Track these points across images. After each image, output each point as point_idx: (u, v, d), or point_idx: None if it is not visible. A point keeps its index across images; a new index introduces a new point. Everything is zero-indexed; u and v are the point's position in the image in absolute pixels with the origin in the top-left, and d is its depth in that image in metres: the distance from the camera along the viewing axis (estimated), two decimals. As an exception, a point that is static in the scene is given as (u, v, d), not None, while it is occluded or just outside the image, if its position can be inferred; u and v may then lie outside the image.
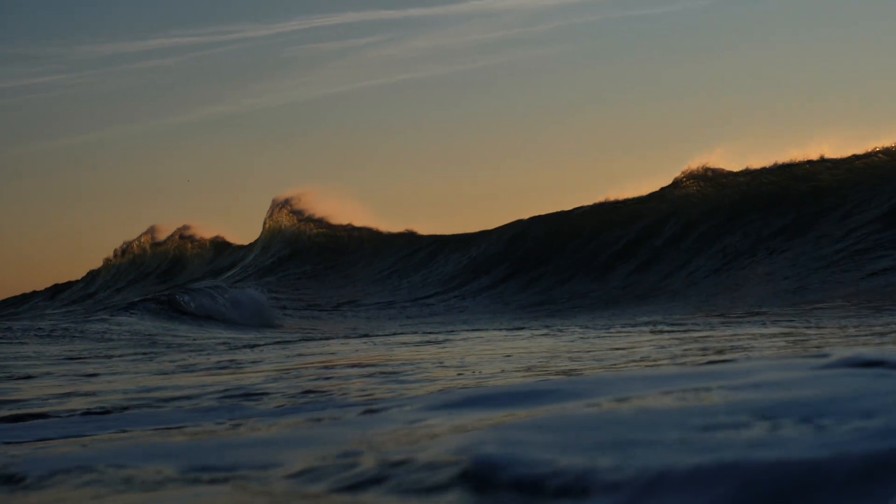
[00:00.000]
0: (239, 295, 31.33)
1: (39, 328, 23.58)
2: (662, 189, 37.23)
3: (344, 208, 46.44)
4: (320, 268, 44.17)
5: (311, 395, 7.81)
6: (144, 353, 16.23)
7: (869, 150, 32.99)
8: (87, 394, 9.04)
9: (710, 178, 36.34)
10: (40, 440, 6.04)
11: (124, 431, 6.22)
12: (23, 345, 19.39)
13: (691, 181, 36.65)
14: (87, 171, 71.04)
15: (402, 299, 36.63)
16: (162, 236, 56.87)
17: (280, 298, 36.84)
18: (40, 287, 57.69)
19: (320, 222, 46.79)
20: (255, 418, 6.41)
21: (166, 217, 60.32)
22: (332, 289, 41.07)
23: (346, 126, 64.87)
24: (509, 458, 3.08)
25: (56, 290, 57.82)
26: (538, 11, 65.03)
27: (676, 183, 36.99)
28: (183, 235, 55.33)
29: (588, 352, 11.56)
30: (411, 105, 67.45)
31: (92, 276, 59.01)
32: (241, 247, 50.99)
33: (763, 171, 34.95)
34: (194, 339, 21.44)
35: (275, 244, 47.74)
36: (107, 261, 59.32)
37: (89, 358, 15.37)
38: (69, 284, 58.80)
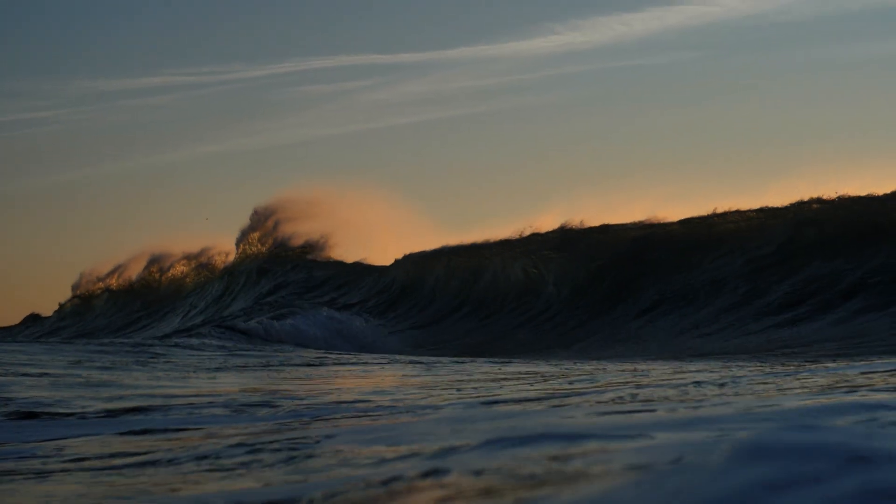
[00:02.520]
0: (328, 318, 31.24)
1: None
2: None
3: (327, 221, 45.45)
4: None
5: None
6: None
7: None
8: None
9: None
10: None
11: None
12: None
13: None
14: (79, 206, 69.68)
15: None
16: (134, 267, 55.14)
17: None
18: (14, 321, 56.25)
19: (291, 248, 45.84)
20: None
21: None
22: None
23: (337, 168, 64.17)
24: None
25: (33, 320, 56.50)
26: (528, 59, 64.67)
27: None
28: (153, 259, 53.66)
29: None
30: (403, 148, 67.02)
31: (61, 307, 57.26)
32: (213, 271, 49.78)
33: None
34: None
35: (245, 266, 46.87)
36: (74, 289, 57.12)
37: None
38: (38, 317, 57.06)
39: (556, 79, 63.76)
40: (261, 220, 47.63)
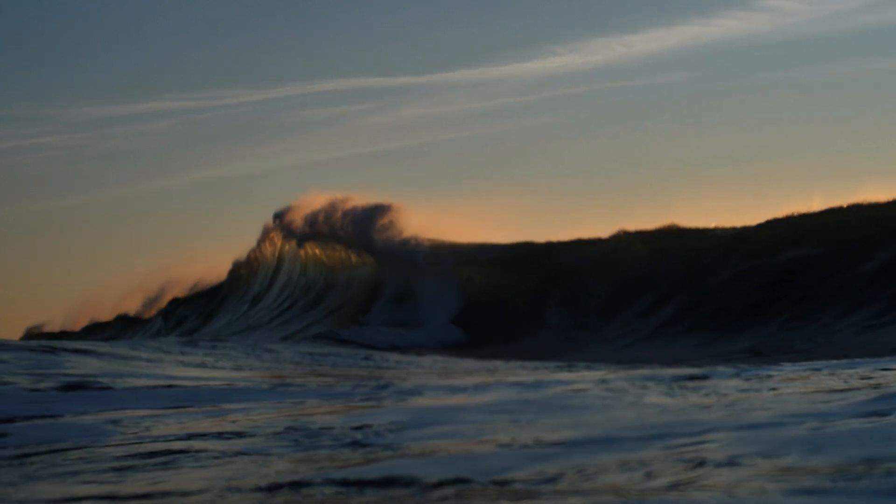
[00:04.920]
0: None
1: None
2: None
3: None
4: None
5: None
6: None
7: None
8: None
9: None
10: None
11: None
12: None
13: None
14: (81, 231, 67.79)
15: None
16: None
17: None
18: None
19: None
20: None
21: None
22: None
23: (338, 192, 62.39)
24: None
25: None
26: (529, 81, 63.37)
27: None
28: (148, 301, 51.10)
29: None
30: (405, 171, 65.66)
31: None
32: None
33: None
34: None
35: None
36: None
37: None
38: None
39: (556, 100, 62.65)
40: (282, 222, 45.47)
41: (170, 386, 9.49)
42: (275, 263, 43.65)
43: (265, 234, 44.98)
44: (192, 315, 44.35)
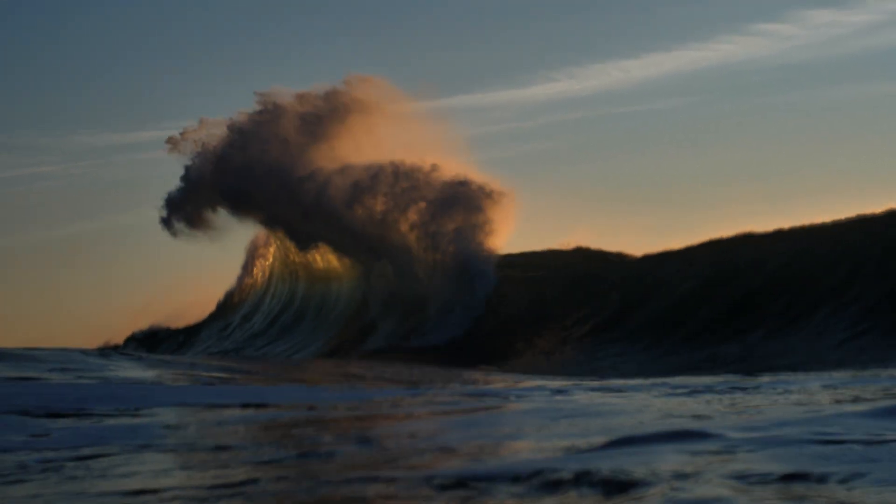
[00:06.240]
0: None
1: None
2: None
3: None
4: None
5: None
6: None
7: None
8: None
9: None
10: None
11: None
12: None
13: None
14: (81, 260, 66.80)
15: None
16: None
17: None
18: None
19: None
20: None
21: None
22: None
23: None
24: None
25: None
26: (524, 107, 62.47)
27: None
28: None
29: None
30: None
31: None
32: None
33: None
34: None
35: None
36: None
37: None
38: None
39: (554, 125, 62.01)
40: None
41: (207, 384, 9.69)
42: (265, 283, 42.74)
43: (253, 251, 43.89)
44: (172, 335, 43.48)
